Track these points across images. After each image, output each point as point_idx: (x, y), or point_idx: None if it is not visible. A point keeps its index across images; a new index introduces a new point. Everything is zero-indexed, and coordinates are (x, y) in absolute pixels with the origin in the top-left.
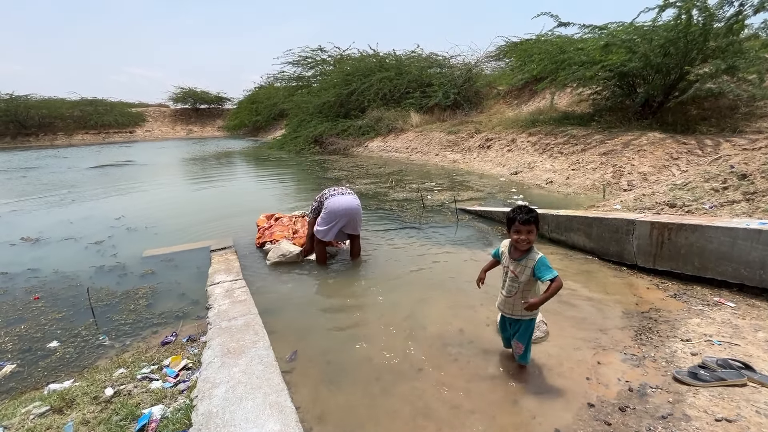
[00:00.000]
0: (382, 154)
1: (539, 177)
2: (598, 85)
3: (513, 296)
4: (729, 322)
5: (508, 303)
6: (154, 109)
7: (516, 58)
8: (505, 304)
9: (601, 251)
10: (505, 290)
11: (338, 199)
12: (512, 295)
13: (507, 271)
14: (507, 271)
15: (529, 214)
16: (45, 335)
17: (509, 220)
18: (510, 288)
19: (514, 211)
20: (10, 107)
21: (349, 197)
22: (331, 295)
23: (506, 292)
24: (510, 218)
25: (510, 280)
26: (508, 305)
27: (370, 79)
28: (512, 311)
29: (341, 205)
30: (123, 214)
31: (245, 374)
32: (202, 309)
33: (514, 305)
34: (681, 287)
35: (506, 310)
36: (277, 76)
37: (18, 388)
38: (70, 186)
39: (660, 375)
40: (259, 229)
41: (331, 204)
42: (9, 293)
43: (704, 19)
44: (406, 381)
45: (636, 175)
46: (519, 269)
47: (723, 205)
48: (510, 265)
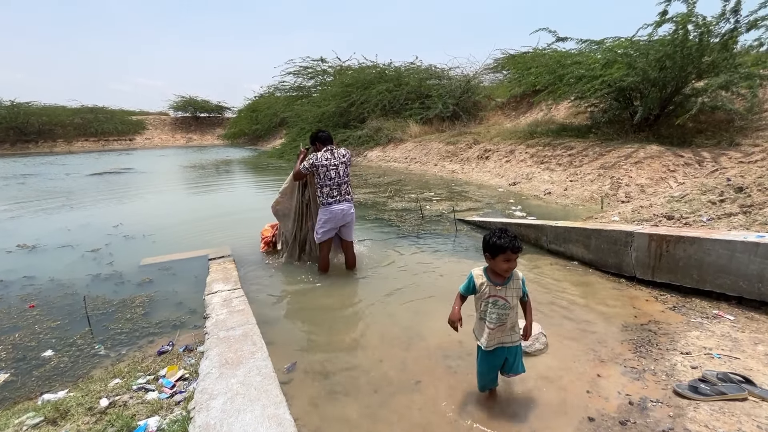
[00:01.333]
0: (381, 163)
1: (537, 188)
2: (596, 98)
3: (506, 323)
4: (728, 335)
5: (505, 332)
6: (154, 117)
7: (514, 70)
8: (501, 335)
9: (600, 263)
10: (495, 320)
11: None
12: (505, 323)
13: (491, 300)
14: (491, 300)
15: (518, 240)
16: (40, 344)
17: (496, 248)
18: (501, 316)
19: (501, 239)
20: (10, 114)
21: (345, 204)
22: (329, 305)
23: (497, 321)
24: (498, 246)
25: (499, 308)
26: (506, 334)
27: (369, 90)
28: (511, 339)
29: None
30: (121, 222)
31: (243, 385)
32: (199, 318)
33: (512, 332)
34: (680, 300)
35: (506, 340)
36: (277, 86)
37: (11, 398)
38: (68, 193)
39: (660, 388)
40: (264, 238)
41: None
42: (4, 301)
43: (700, 35)
44: (405, 393)
45: (634, 187)
46: (509, 293)
47: (720, 217)
48: (496, 292)
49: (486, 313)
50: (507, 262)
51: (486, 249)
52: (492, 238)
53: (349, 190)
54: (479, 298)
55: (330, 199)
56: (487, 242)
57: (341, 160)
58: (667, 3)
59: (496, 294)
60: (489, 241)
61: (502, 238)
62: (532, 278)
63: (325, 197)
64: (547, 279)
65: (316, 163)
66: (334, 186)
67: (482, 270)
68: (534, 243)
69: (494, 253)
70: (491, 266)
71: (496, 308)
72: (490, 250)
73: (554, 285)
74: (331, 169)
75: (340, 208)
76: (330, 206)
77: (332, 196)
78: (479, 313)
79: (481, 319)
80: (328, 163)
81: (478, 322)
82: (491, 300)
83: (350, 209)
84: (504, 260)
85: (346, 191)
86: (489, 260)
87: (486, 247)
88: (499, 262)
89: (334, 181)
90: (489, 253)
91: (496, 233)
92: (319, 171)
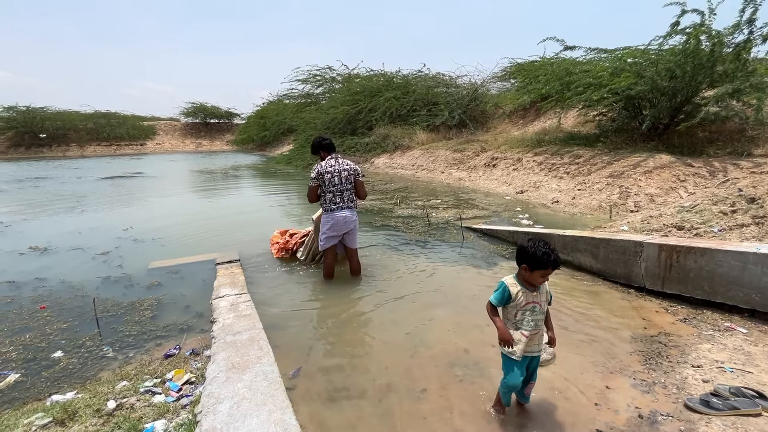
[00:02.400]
0: (388, 170)
1: (545, 196)
2: (604, 107)
3: (539, 330)
4: (741, 348)
5: (536, 339)
6: (165, 123)
7: (522, 78)
8: (534, 343)
9: (609, 273)
10: (532, 327)
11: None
12: (539, 329)
13: (529, 308)
14: (529, 308)
15: (557, 255)
16: (50, 345)
17: (538, 263)
18: (537, 322)
19: (546, 255)
20: (26, 119)
21: (347, 211)
22: (335, 311)
23: (533, 328)
24: (537, 260)
25: (536, 314)
26: (537, 342)
27: (377, 97)
28: (540, 347)
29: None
30: (131, 225)
31: (250, 390)
32: (206, 322)
33: (541, 340)
34: (691, 311)
35: (535, 348)
36: (286, 93)
37: (21, 398)
38: (80, 196)
39: (671, 402)
40: (274, 243)
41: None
42: (16, 302)
43: (713, 45)
44: (410, 401)
45: (643, 196)
46: (542, 298)
47: (732, 228)
48: (533, 298)
49: (522, 321)
50: (544, 277)
51: (524, 260)
52: (535, 252)
53: (352, 197)
54: (514, 307)
55: (332, 205)
56: (527, 254)
57: (344, 167)
58: (680, 15)
59: (533, 300)
60: (531, 253)
61: (545, 255)
62: None
63: (327, 203)
64: (555, 288)
65: (321, 171)
66: (337, 192)
67: (514, 278)
68: None
69: (534, 266)
70: (525, 277)
71: (533, 315)
72: (529, 263)
73: (562, 295)
74: (335, 175)
75: (342, 215)
76: (332, 213)
77: (335, 202)
78: (512, 323)
79: (515, 328)
80: (332, 169)
81: (513, 332)
82: (529, 307)
83: (352, 216)
84: (542, 275)
85: (350, 198)
86: (525, 271)
87: (525, 258)
88: (536, 276)
89: (337, 188)
90: (527, 265)
91: (539, 246)
92: (324, 177)
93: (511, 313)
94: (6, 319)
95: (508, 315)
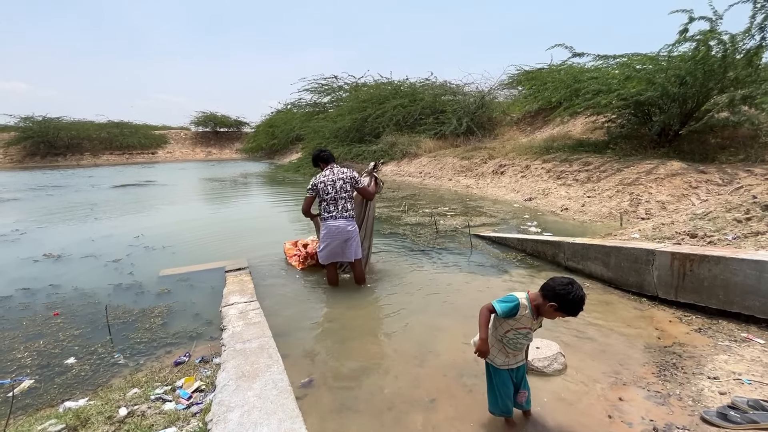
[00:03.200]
0: (395, 178)
1: (554, 204)
2: (613, 113)
3: (524, 349)
4: (759, 359)
5: (515, 357)
6: (175, 132)
7: (529, 86)
8: (510, 358)
9: (620, 281)
10: (518, 348)
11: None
12: (521, 351)
13: (523, 332)
14: (523, 332)
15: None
16: (63, 351)
17: (568, 306)
18: (523, 343)
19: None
20: (42, 129)
21: (342, 221)
22: (344, 319)
23: (519, 348)
24: (571, 306)
25: (523, 337)
26: (515, 359)
27: (384, 105)
28: (522, 357)
29: (331, 227)
30: (142, 233)
31: (260, 399)
32: (215, 330)
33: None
34: (706, 321)
35: (517, 360)
36: (294, 103)
37: (34, 404)
38: (93, 204)
39: (687, 415)
40: (292, 256)
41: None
42: (30, 309)
43: (725, 51)
44: (420, 411)
45: (654, 203)
46: (536, 326)
47: (747, 236)
48: (532, 325)
49: (511, 342)
50: (562, 318)
51: (556, 299)
52: (573, 300)
53: (347, 206)
54: (510, 325)
55: (326, 214)
56: (562, 298)
57: (339, 176)
58: (688, 21)
59: (531, 327)
60: (568, 299)
61: (580, 305)
62: None
63: (323, 212)
64: None
65: (315, 182)
66: (331, 201)
67: (526, 299)
68: (551, 260)
69: (563, 309)
70: (542, 309)
71: (524, 339)
72: (560, 303)
73: None
74: (328, 184)
75: (336, 225)
76: (326, 222)
77: (329, 211)
78: (500, 336)
79: (499, 341)
80: (326, 179)
81: (494, 343)
82: (524, 332)
83: (348, 226)
84: (561, 317)
85: (344, 208)
86: (548, 307)
87: (557, 298)
88: (555, 315)
89: (331, 196)
90: (557, 305)
91: (577, 294)
92: (318, 188)
93: (503, 329)
94: (21, 325)
95: (498, 328)
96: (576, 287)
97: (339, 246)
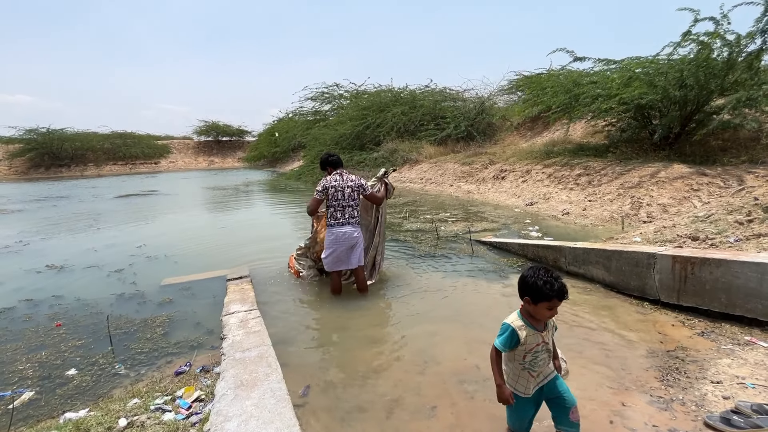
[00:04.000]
0: (396, 184)
1: (555, 208)
2: (613, 117)
3: (547, 364)
4: (763, 363)
5: (542, 373)
6: (178, 142)
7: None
8: (539, 377)
9: (622, 285)
10: (538, 366)
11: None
12: (546, 365)
13: (538, 349)
14: (538, 349)
15: (564, 284)
16: (64, 362)
17: (539, 294)
18: (544, 360)
19: (547, 285)
20: (46, 140)
21: (349, 227)
22: (344, 326)
23: (540, 366)
24: (539, 291)
25: (543, 352)
26: (543, 374)
27: (385, 113)
28: (549, 368)
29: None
30: (144, 243)
31: (258, 408)
32: (216, 339)
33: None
34: (708, 325)
35: (546, 375)
36: (296, 111)
37: (35, 415)
38: (96, 214)
39: (690, 420)
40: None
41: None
42: (33, 320)
43: (729, 53)
44: (420, 419)
45: (655, 206)
46: (549, 334)
47: (749, 238)
48: (542, 338)
49: (533, 362)
50: (550, 310)
51: (526, 292)
52: (536, 282)
53: (354, 214)
54: (522, 350)
55: (333, 220)
56: (527, 285)
57: (348, 183)
58: (693, 23)
59: (543, 341)
60: (530, 283)
61: (548, 285)
62: None
63: (329, 218)
64: (567, 302)
65: (326, 185)
66: (339, 208)
67: (518, 316)
68: (552, 265)
69: (536, 298)
70: (530, 311)
71: (544, 352)
72: (531, 294)
73: (574, 308)
74: (338, 190)
75: (343, 231)
76: (333, 228)
77: (336, 218)
78: (520, 363)
79: (523, 369)
80: (336, 184)
81: (519, 372)
82: (539, 348)
83: (354, 232)
84: (548, 307)
85: (351, 215)
86: (528, 304)
87: (526, 289)
88: (541, 309)
89: (339, 203)
90: (530, 298)
91: (540, 275)
92: (328, 192)
93: (519, 356)
94: (23, 336)
95: (516, 357)
96: (537, 271)
97: (345, 252)
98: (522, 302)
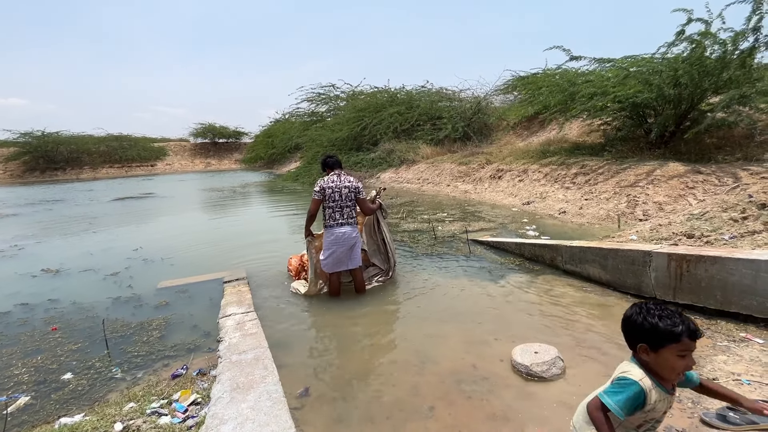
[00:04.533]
0: (393, 185)
1: (552, 207)
2: (609, 116)
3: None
4: (758, 359)
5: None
6: (174, 144)
7: (524, 91)
8: None
9: (618, 283)
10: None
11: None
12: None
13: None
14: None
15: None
16: (60, 367)
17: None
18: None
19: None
20: (41, 143)
21: (347, 228)
22: (342, 328)
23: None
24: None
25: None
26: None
27: (381, 113)
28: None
29: (338, 234)
30: (140, 246)
31: (253, 410)
32: (213, 341)
33: None
34: (704, 322)
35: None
36: (292, 113)
37: (30, 421)
38: (92, 218)
39: (686, 417)
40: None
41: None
42: (29, 324)
43: (724, 51)
44: (418, 420)
45: (651, 204)
46: (674, 397)
47: (743, 235)
48: (671, 402)
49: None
50: (684, 359)
51: (638, 337)
52: (647, 319)
53: (352, 214)
54: (641, 417)
55: (332, 221)
56: (636, 326)
57: (345, 184)
58: (686, 23)
59: (664, 408)
60: (639, 323)
61: (668, 320)
62: (548, 300)
63: (327, 219)
64: (564, 300)
65: (323, 185)
66: (337, 208)
67: (644, 372)
68: (549, 263)
69: (656, 343)
70: (651, 365)
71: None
72: (647, 339)
73: (571, 307)
74: (335, 191)
75: (341, 231)
76: (331, 228)
77: (334, 218)
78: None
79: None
80: (333, 185)
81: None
82: (662, 418)
83: (352, 233)
84: (679, 353)
85: (349, 215)
86: (646, 353)
87: (636, 334)
88: (668, 357)
89: (337, 203)
90: (647, 345)
91: (650, 311)
92: (325, 192)
93: (632, 423)
94: (19, 341)
95: (626, 425)
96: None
97: (344, 253)
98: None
